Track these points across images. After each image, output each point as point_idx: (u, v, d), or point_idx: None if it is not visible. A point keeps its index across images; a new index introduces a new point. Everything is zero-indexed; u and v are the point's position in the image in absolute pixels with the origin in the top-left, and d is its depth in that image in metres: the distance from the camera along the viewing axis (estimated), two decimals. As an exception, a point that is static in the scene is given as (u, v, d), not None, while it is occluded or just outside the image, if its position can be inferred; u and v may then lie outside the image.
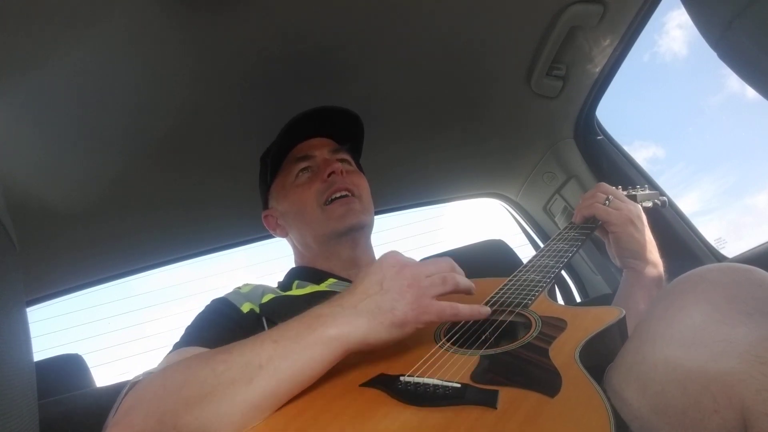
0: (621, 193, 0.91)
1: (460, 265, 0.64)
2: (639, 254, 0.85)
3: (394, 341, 0.57)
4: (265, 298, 0.81)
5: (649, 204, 1.02)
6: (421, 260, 0.62)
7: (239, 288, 0.84)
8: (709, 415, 0.43)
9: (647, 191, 1.05)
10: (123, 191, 1.20)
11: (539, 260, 0.80)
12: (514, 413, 0.45)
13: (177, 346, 0.69)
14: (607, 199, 0.87)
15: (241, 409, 0.50)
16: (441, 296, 0.59)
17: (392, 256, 0.61)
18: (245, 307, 0.78)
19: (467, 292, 0.62)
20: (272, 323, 0.75)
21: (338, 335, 0.54)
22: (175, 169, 1.20)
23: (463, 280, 0.61)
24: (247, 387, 0.50)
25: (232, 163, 1.23)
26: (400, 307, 0.56)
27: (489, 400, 0.47)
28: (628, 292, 0.86)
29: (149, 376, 0.59)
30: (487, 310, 0.61)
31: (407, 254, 0.63)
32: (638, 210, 0.88)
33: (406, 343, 0.59)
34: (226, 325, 0.74)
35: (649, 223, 0.89)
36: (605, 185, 0.91)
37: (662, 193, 1.18)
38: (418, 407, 0.48)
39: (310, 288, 0.87)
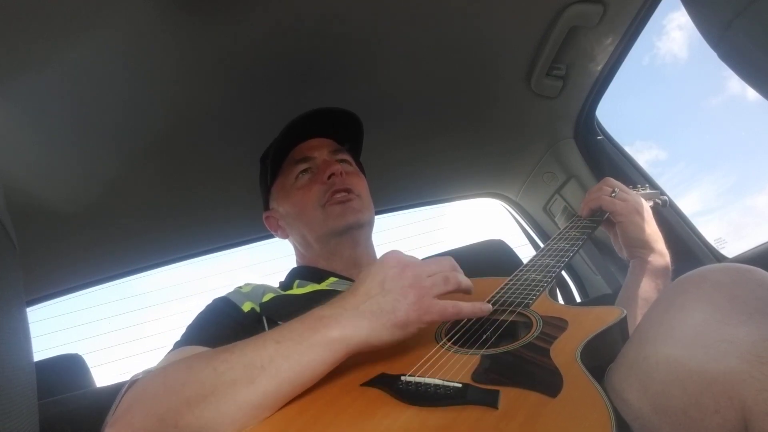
0: (625, 186, 0.93)
1: (460, 265, 0.64)
2: (646, 243, 0.86)
3: (397, 342, 0.56)
4: (266, 298, 0.81)
5: (650, 203, 1.02)
6: (422, 259, 0.62)
7: (240, 287, 0.84)
8: (710, 415, 0.43)
9: (648, 190, 1.06)
10: (123, 191, 1.20)
11: (540, 260, 0.80)
12: (516, 413, 0.45)
13: (178, 345, 0.70)
14: (613, 191, 0.89)
15: (242, 409, 0.50)
16: (442, 295, 0.59)
17: (393, 256, 0.61)
18: (246, 306, 0.78)
19: (467, 291, 0.62)
20: (272, 322, 0.75)
21: (340, 337, 0.54)
22: (175, 169, 1.20)
23: (464, 280, 0.61)
24: (248, 387, 0.50)
25: (232, 163, 1.23)
26: (402, 308, 0.55)
27: (490, 400, 0.47)
28: (636, 282, 0.86)
29: (150, 374, 0.59)
30: (489, 306, 0.61)
31: (408, 254, 0.63)
32: (643, 201, 0.91)
33: (407, 343, 0.58)
34: (227, 324, 0.74)
35: None
36: (611, 179, 0.94)
37: (662, 193, 1.18)
38: (419, 407, 0.48)
39: (311, 287, 0.87)
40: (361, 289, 0.58)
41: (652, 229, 0.87)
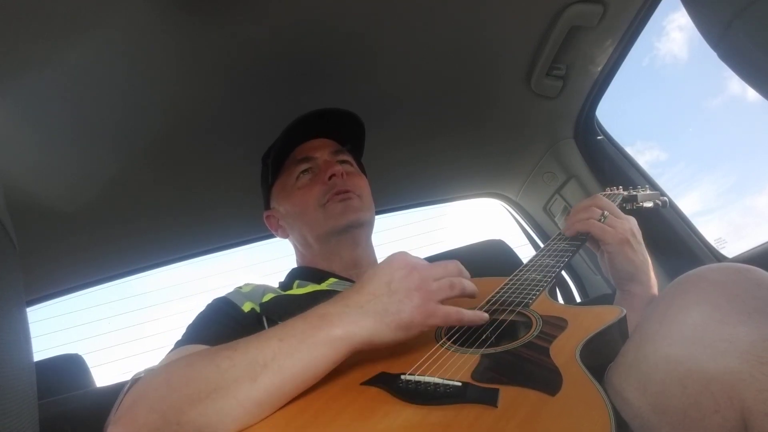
0: (616, 207, 0.85)
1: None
2: (634, 276, 0.81)
3: (398, 342, 0.57)
4: (266, 298, 0.81)
5: (650, 204, 1.02)
6: (429, 262, 0.62)
7: (240, 288, 0.84)
8: (710, 415, 0.43)
9: (648, 191, 1.05)
10: (123, 191, 1.20)
11: (540, 259, 0.80)
12: (515, 412, 0.45)
13: (179, 344, 0.70)
14: (603, 215, 0.83)
15: (245, 407, 0.50)
16: (446, 300, 0.59)
17: (401, 257, 0.61)
18: (246, 307, 0.78)
19: (471, 296, 0.63)
20: (272, 322, 0.75)
21: (343, 335, 0.54)
22: (175, 169, 1.20)
23: (469, 285, 0.62)
24: (251, 385, 0.51)
25: (232, 163, 1.23)
26: (407, 310, 0.56)
27: (490, 399, 0.47)
28: None
29: (152, 373, 0.59)
30: (486, 316, 0.62)
31: (414, 255, 0.63)
32: (634, 225, 0.83)
33: (407, 342, 0.59)
34: (227, 324, 0.74)
35: (649, 223, 0.88)
36: (601, 198, 0.87)
37: (663, 194, 1.18)
38: (418, 406, 0.48)
39: (311, 287, 0.87)
40: (366, 288, 0.59)
41: (641, 258, 0.81)
